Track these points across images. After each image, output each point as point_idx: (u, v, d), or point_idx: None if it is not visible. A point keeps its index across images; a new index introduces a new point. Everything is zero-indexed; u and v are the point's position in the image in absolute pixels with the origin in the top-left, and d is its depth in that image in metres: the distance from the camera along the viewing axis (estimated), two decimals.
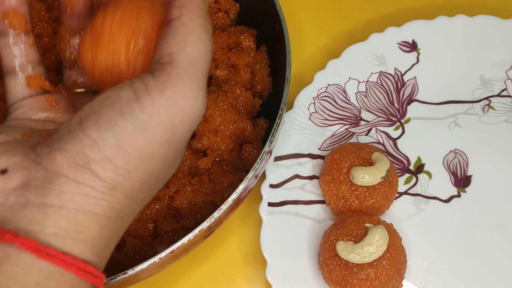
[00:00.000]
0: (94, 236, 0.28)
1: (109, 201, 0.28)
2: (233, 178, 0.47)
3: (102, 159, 0.27)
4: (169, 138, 0.28)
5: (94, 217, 0.27)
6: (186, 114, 0.28)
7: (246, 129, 0.48)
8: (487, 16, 0.58)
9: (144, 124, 0.27)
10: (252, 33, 0.52)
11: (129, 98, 0.28)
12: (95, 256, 0.28)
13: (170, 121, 0.28)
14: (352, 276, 0.44)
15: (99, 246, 0.28)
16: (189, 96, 0.28)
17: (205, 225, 0.40)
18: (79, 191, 0.27)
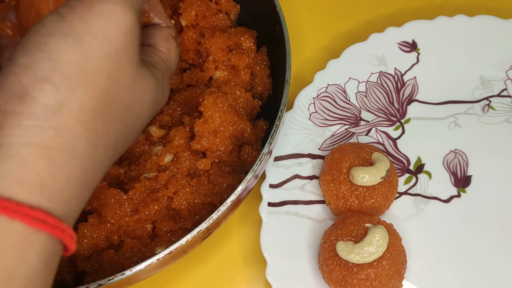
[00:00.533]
0: (43, 175, 0.24)
1: (57, 128, 0.25)
2: (232, 180, 0.47)
3: (38, 81, 0.25)
4: (108, 52, 0.27)
5: (40, 151, 0.24)
6: (120, 29, 0.27)
7: (246, 130, 0.48)
8: (487, 16, 0.58)
9: (75, 39, 0.26)
10: (252, 34, 0.52)
11: (54, 20, 0.26)
12: (49, 201, 0.24)
13: (104, 34, 0.27)
14: (352, 276, 0.44)
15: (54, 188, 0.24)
16: (118, 11, 0.27)
17: (203, 226, 0.40)
18: (19, 123, 0.24)
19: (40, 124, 0.24)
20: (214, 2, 0.53)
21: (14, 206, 0.23)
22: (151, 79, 0.30)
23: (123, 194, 0.45)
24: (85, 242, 0.44)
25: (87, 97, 0.26)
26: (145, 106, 0.30)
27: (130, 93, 0.29)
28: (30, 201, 0.23)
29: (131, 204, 0.45)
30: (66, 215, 0.25)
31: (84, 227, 0.44)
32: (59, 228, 0.24)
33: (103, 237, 0.44)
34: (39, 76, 0.25)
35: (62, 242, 0.25)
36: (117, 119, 0.28)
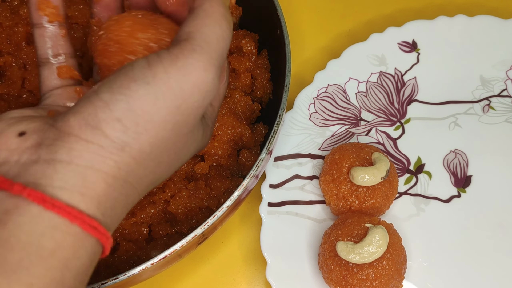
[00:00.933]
0: (101, 193, 0.28)
1: (117, 161, 0.29)
2: (230, 184, 0.47)
3: (112, 120, 0.28)
4: (179, 105, 0.29)
5: (101, 175, 0.28)
6: (196, 85, 0.29)
7: (244, 134, 0.48)
8: (487, 16, 0.58)
9: (154, 89, 0.29)
10: (253, 37, 0.52)
11: (142, 66, 0.29)
12: (101, 214, 0.28)
13: (180, 89, 0.29)
14: (352, 276, 0.44)
15: (106, 205, 0.29)
16: (200, 68, 0.29)
17: (198, 231, 0.40)
18: (88, 149, 0.28)
19: (104, 155, 0.28)
20: None
21: (76, 213, 0.27)
22: (201, 130, 0.34)
23: None
24: None
25: (147, 143, 0.29)
26: (190, 152, 0.34)
27: (184, 142, 0.32)
28: (88, 211, 0.28)
29: None
30: (110, 228, 0.30)
31: None
32: (105, 235, 0.29)
33: None
34: (114, 116, 0.28)
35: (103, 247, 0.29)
36: (166, 162, 0.32)
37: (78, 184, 0.28)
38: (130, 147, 0.29)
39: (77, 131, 0.28)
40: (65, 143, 0.28)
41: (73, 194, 0.28)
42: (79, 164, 0.28)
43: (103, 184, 0.28)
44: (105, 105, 0.29)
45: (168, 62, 0.29)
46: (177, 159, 0.33)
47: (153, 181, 0.32)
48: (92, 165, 0.28)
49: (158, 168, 0.31)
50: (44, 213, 0.27)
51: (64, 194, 0.27)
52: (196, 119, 0.31)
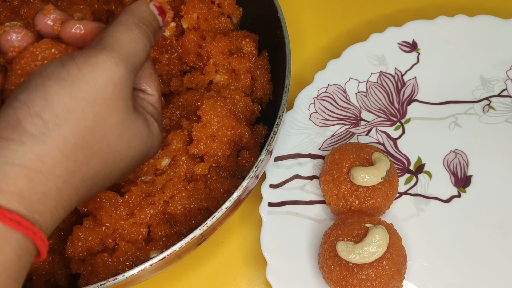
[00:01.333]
0: (22, 188, 0.29)
1: (39, 154, 0.30)
2: (229, 185, 0.47)
3: (31, 115, 0.30)
4: (96, 97, 0.31)
5: (21, 170, 0.29)
6: (110, 78, 0.32)
7: (244, 135, 0.48)
8: (487, 16, 0.58)
9: (69, 83, 0.31)
10: (254, 38, 0.52)
11: (55, 65, 0.31)
12: (25, 209, 0.29)
13: (94, 82, 0.31)
14: (352, 276, 0.44)
15: (30, 200, 0.29)
16: (111, 63, 0.32)
17: (197, 232, 0.40)
18: (9, 147, 0.29)
19: (25, 149, 0.29)
20: (216, 5, 0.53)
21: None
22: (142, 125, 0.35)
23: (119, 197, 0.45)
24: (79, 244, 0.44)
25: (70, 133, 0.31)
26: (132, 149, 0.35)
27: (116, 135, 0.33)
28: (9, 206, 0.28)
29: (127, 208, 0.45)
30: (39, 223, 0.30)
31: (79, 229, 0.44)
32: (32, 230, 0.29)
33: (98, 240, 0.44)
34: (33, 112, 0.30)
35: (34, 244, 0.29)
36: (98, 155, 0.32)
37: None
38: (53, 139, 0.30)
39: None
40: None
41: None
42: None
43: (25, 178, 0.29)
44: (23, 104, 0.30)
45: (81, 60, 0.31)
46: (115, 154, 0.33)
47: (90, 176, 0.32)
48: (12, 160, 0.29)
49: (91, 160, 0.32)
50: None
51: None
52: (121, 110, 0.33)
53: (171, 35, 0.51)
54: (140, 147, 0.35)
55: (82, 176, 0.32)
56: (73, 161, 0.31)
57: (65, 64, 0.31)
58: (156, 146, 0.37)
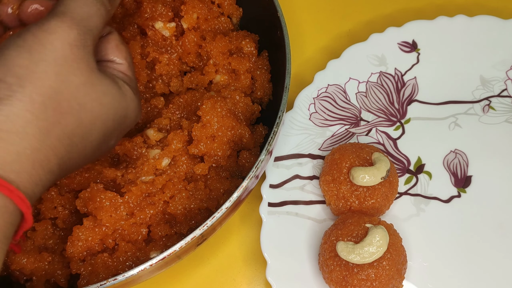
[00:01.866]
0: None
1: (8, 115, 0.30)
2: (229, 185, 0.47)
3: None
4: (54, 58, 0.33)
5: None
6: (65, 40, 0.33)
7: (244, 135, 0.48)
8: (487, 16, 0.58)
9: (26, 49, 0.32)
10: (254, 38, 0.52)
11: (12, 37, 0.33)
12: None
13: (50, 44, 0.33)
14: (352, 276, 0.44)
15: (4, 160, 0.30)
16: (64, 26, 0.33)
17: (197, 232, 0.40)
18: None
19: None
20: (216, 5, 0.53)
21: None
22: (111, 85, 0.36)
23: (119, 198, 0.45)
24: (79, 244, 0.44)
25: (35, 92, 0.32)
26: (105, 107, 0.35)
27: (84, 93, 0.34)
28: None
29: (127, 208, 0.45)
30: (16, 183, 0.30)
31: (79, 230, 0.44)
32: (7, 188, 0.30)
33: (97, 240, 0.44)
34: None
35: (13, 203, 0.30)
36: (70, 113, 0.33)
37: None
38: (19, 99, 0.31)
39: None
40: None
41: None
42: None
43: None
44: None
45: (35, 28, 0.33)
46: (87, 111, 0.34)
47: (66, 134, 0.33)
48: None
49: (63, 118, 0.33)
50: None
51: None
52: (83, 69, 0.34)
53: (171, 35, 0.51)
54: (113, 105, 0.36)
55: (57, 134, 0.33)
56: (43, 119, 0.32)
57: (21, 34, 0.33)
58: (133, 109, 0.38)
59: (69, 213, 0.47)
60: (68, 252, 0.44)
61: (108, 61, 0.38)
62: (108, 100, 0.35)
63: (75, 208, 0.46)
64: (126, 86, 0.37)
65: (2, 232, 0.29)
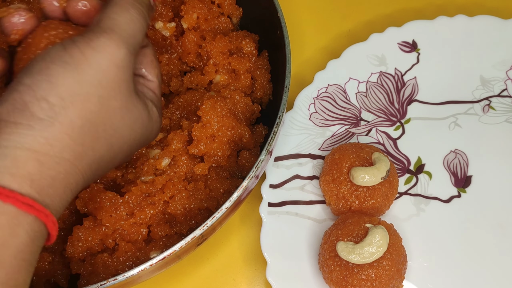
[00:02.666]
0: (33, 172, 0.29)
1: (48, 138, 0.30)
2: (229, 185, 0.47)
3: (37, 99, 0.30)
4: (100, 80, 0.32)
5: (31, 154, 0.29)
6: (112, 61, 0.32)
7: (244, 135, 0.48)
8: (487, 16, 0.58)
9: (73, 67, 0.31)
10: (254, 38, 0.52)
11: (58, 50, 0.32)
12: (36, 192, 0.29)
13: (97, 64, 0.31)
14: (352, 276, 0.44)
15: (41, 183, 0.29)
16: (112, 45, 0.32)
17: (197, 233, 0.40)
18: (17, 130, 0.29)
19: (33, 133, 0.30)
20: (216, 5, 0.53)
21: (8, 192, 0.28)
22: (143, 109, 0.35)
23: (119, 198, 0.45)
24: (79, 245, 0.44)
25: (76, 116, 0.31)
26: (134, 132, 0.35)
27: (120, 118, 0.33)
28: (21, 190, 0.29)
29: (127, 208, 0.45)
30: (49, 207, 0.30)
31: (79, 230, 0.44)
32: (44, 213, 0.29)
33: (98, 240, 0.44)
34: (39, 95, 0.30)
35: (46, 226, 0.30)
36: (103, 138, 0.33)
37: (8, 165, 0.29)
38: (60, 122, 0.30)
39: (5, 116, 0.30)
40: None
41: (4, 176, 0.28)
42: (7, 146, 0.29)
43: (35, 162, 0.29)
44: (28, 88, 0.30)
45: (82, 44, 0.32)
46: (119, 137, 0.34)
47: (96, 159, 0.33)
48: (22, 145, 0.29)
49: (97, 144, 0.32)
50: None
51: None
52: (123, 92, 0.33)
53: (171, 35, 0.51)
54: (141, 130, 0.35)
55: (89, 160, 0.32)
56: (80, 144, 0.31)
57: (67, 48, 0.31)
58: (156, 131, 0.38)
59: (69, 213, 0.47)
60: (68, 252, 0.44)
61: (140, 76, 0.38)
62: (138, 126, 0.35)
63: (75, 208, 0.46)
64: (154, 108, 0.37)
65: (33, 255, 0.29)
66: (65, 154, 0.31)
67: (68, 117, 0.31)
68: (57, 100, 0.30)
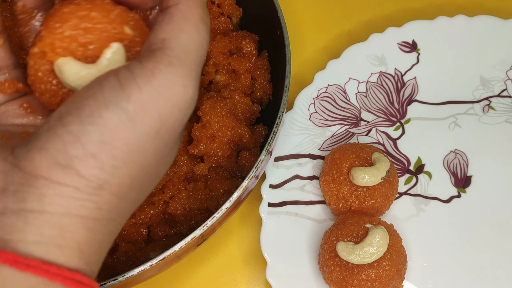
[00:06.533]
0: (82, 241, 0.25)
1: (96, 202, 0.25)
2: (229, 185, 0.47)
3: (86, 156, 0.25)
4: (158, 130, 0.26)
5: (80, 221, 0.25)
6: (176, 104, 0.26)
7: (244, 135, 0.48)
8: (487, 16, 0.58)
9: (130, 116, 0.25)
10: (253, 38, 0.52)
11: (113, 87, 0.25)
12: (85, 263, 0.25)
13: (158, 111, 0.25)
14: (352, 276, 0.44)
15: (89, 252, 0.26)
16: (179, 84, 0.26)
17: (197, 233, 0.40)
18: (62, 193, 0.25)
19: (81, 197, 0.25)
20: (216, 5, 0.53)
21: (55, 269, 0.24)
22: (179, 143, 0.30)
23: None
24: None
25: (127, 175, 0.26)
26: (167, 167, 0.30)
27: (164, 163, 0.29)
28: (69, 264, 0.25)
29: None
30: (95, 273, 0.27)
31: None
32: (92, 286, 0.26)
33: None
34: (87, 151, 0.25)
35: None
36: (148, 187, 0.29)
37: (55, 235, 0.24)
38: (110, 184, 0.25)
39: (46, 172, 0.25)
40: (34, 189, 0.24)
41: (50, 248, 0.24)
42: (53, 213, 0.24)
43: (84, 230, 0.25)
44: (76, 139, 0.25)
45: (142, 80, 0.25)
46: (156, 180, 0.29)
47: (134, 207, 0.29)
48: (68, 211, 0.25)
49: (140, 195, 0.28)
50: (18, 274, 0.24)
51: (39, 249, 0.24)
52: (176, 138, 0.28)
53: None
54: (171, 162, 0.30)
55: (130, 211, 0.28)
56: (126, 201, 0.27)
57: (124, 86, 0.25)
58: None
59: None
60: None
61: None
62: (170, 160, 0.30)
63: None
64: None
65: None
66: (112, 215, 0.26)
67: (119, 177, 0.26)
68: (108, 159, 0.25)
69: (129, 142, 0.25)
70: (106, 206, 0.26)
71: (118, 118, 0.25)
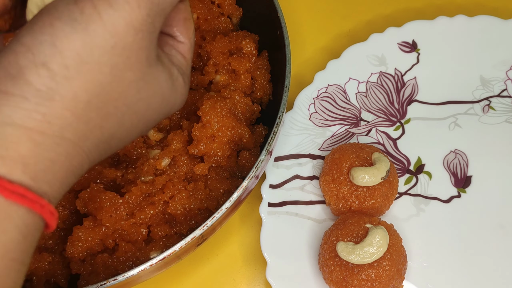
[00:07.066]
0: (26, 154, 0.24)
1: (45, 114, 0.25)
2: (229, 185, 0.47)
3: (36, 65, 0.25)
4: (114, 45, 0.26)
5: (25, 132, 0.24)
6: (130, 22, 0.26)
7: (244, 136, 0.48)
8: (487, 16, 0.58)
9: (83, 26, 0.25)
10: (253, 38, 0.52)
11: (67, 2, 0.26)
12: (30, 179, 0.25)
13: (112, 25, 0.26)
14: (352, 276, 0.44)
15: (36, 168, 0.25)
16: (133, 3, 0.26)
17: (197, 233, 0.40)
18: (8, 103, 0.24)
19: (28, 107, 0.24)
20: (216, 5, 0.53)
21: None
22: (164, 81, 0.30)
23: (119, 198, 0.45)
24: (79, 245, 0.44)
25: (82, 89, 0.26)
26: (151, 108, 0.30)
27: (135, 92, 0.28)
28: (11, 176, 0.24)
29: (127, 208, 0.45)
30: (48, 194, 0.26)
31: (79, 230, 0.44)
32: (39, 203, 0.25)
33: (98, 241, 0.44)
34: (38, 60, 0.25)
35: (42, 218, 0.25)
36: (115, 115, 0.28)
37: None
38: (61, 96, 0.25)
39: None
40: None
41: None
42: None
43: (29, 142, 0.24)
44: (27, 50, 0.25)
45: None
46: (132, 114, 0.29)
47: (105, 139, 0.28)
48: (13, 120, 0.24)
49: (106, 122, 0.27)
50: None
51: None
52: (141, 62, 0.27)
53: None
54: (159, 106, 0.30)
55: (95, 139, 0.27)
56: (85, 122, 0.26)
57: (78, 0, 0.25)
58: (179, 103, 0.32)
59: (69, 213, 0.47)
60: (68, 252, 0.44)
61: (169, 36, 0.32)
62: (156, 101, 0.29)
63: (75, 208, 0.46)
64: (179, 78, 0.31)
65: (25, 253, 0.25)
66: (66, 133, 0.26)
67: (72, 89, 0.25)
68: (60, 69, 0.25)
69: (81, 51, 0.25)
70: (58, 121, 0.25)
71: (70, 28, 0.25)
